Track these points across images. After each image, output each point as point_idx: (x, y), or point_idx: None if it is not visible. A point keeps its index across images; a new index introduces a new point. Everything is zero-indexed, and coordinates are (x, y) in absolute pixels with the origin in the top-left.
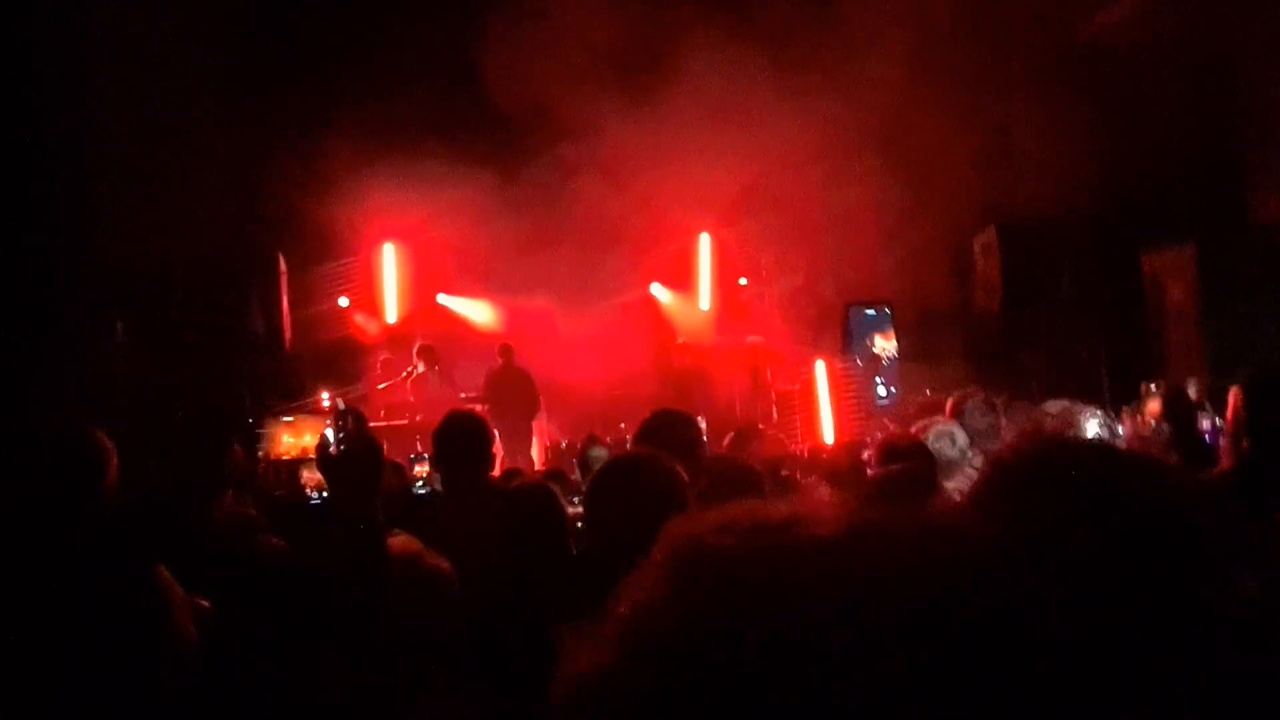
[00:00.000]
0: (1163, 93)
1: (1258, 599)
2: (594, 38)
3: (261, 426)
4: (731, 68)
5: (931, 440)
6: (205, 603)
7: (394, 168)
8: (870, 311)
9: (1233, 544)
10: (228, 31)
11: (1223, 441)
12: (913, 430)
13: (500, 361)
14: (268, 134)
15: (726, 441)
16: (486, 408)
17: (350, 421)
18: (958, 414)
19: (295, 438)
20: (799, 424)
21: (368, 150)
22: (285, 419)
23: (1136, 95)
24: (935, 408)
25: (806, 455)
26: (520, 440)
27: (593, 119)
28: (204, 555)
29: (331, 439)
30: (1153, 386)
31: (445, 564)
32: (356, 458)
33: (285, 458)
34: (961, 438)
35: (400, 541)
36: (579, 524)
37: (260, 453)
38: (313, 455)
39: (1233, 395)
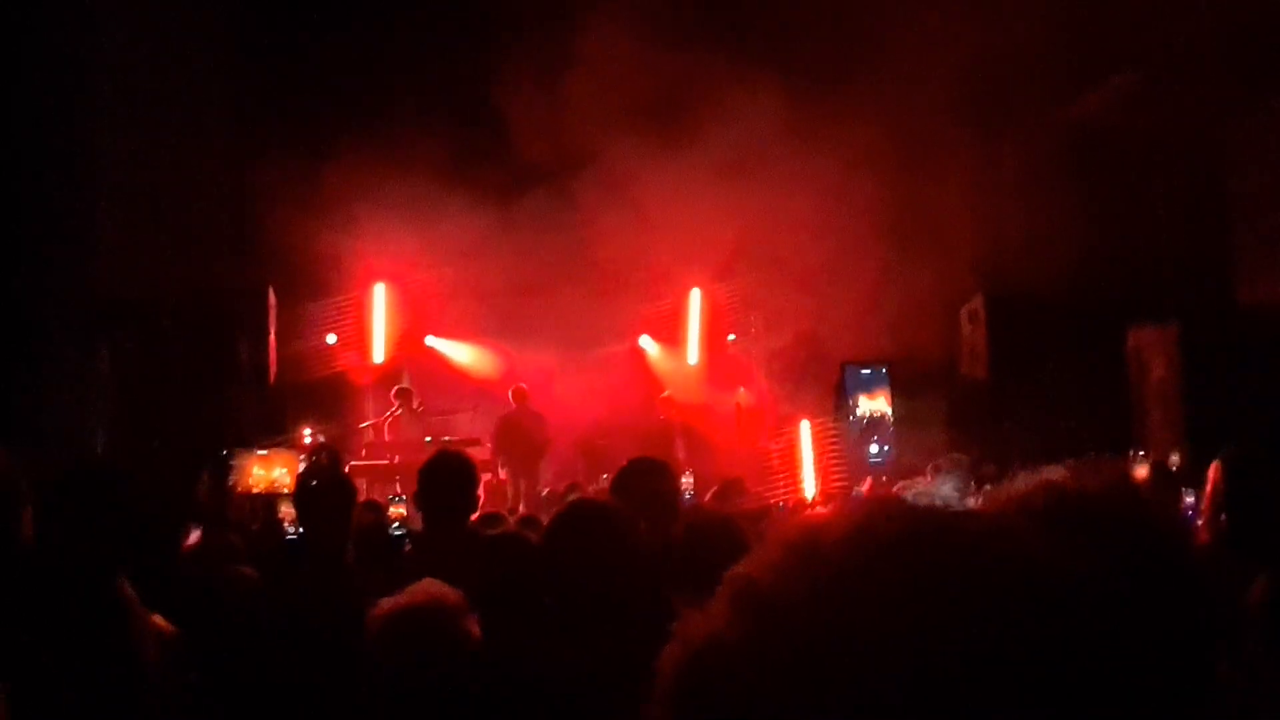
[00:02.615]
0: (1150, 173)
1: (1229, 682)
2: (596, 88)
3: (233, 458)
4: (731, 127)
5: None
6: (166, 624)
7: (390, 206)
8: (866, 371)
9: (1219, 619)
10: (225, 61)
11: (1200, 516)
12: (894, 490)
13: (514, 405)
14: (264, 166)
15: (709, 495)
16: (492, 448)
17: (325, 457)
18: (937, 478)
19: (266, 470)
20: (782, 480)
21: (364, 188)
22: (259, 452)
23: (1125, 175)
24: (917, 470)
25: (788, 510)
26: (528, 482)
27: (589, 169)
28: (170, 582)
29: (307, 474)
30: (1140, 454)
31: (475, 628)
32: (327, 492)
33: (255, 490)
34: (941, 501)
35: (430, 591)
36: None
37: (230, 484)
38: (282, 490)
39: (1212, 470)
